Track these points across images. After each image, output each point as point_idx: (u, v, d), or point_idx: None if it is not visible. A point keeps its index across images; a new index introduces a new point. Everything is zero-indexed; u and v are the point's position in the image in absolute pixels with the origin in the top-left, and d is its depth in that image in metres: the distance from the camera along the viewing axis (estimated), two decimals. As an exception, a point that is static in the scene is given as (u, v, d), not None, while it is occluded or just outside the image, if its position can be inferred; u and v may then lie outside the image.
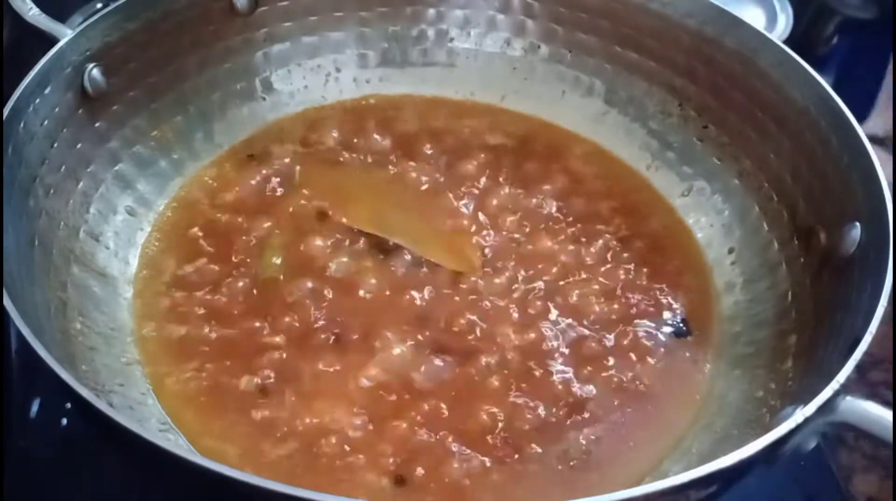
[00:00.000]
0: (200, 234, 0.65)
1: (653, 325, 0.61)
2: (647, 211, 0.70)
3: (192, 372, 0.56)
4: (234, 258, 0.63)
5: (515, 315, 0.60)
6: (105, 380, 0.54)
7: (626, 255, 0.66)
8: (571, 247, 0.66)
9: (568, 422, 0.55)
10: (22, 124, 0.55)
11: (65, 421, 0.62)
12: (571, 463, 0.53)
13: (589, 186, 0.72)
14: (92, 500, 0.58)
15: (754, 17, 0.92)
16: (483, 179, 0.70)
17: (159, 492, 0.52)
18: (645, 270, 0.65)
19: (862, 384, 0.70)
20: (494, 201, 0.69)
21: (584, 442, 0.54)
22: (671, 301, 0.63)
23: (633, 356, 0.59)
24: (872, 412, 0.43)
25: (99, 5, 0.84)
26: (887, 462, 0.65)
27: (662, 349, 0.60)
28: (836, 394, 0.43)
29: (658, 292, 0.64)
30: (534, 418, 0.55)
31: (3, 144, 0.52)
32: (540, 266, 0.64)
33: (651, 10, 0.72)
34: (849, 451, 0.66)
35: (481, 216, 0.67)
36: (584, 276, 0.64)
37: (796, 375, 0.54)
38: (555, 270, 0.64)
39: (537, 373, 0.57)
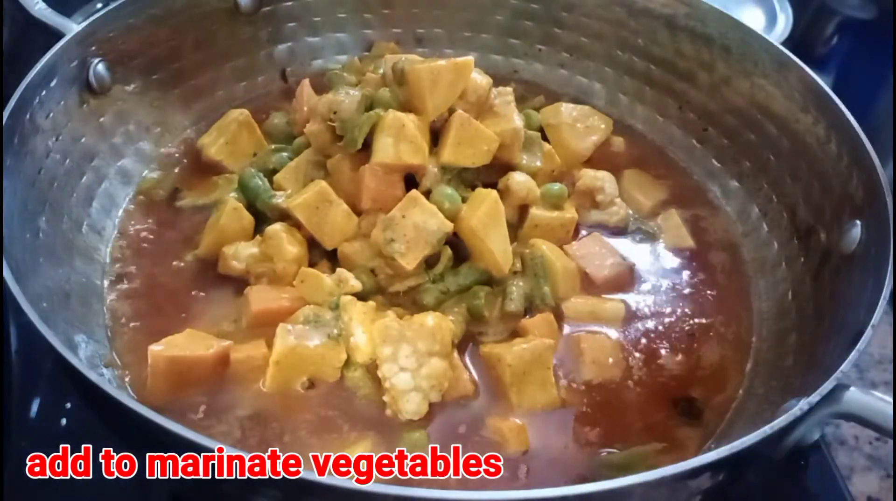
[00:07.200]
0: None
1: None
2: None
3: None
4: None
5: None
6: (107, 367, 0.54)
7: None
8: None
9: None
10: (28, 116, 0.55)
11: (64, 421, 0.61)
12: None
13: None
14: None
15: (754, 18, 0.92)
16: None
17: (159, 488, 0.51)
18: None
19: (862, 383, 0.70)
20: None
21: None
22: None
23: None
24: (874, 402, 0.43)
25: (99, 5, 0.84)
26: (887, 462, 0.65)
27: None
28: (839, 384, 0.43)
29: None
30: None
31: (6, 136, 0.53)
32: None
33: (651, 13, 0.73)
34: (849, 451, 0.66)
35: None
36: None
37: (797, 372, 0.54)
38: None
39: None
